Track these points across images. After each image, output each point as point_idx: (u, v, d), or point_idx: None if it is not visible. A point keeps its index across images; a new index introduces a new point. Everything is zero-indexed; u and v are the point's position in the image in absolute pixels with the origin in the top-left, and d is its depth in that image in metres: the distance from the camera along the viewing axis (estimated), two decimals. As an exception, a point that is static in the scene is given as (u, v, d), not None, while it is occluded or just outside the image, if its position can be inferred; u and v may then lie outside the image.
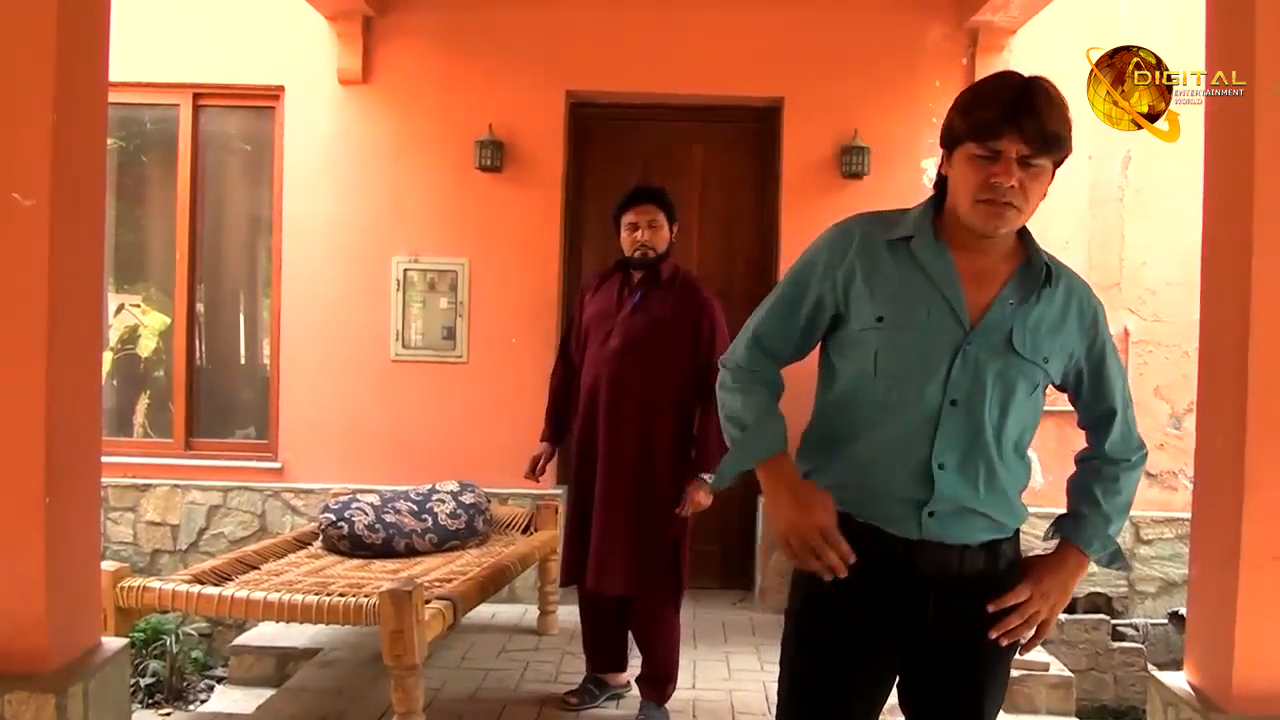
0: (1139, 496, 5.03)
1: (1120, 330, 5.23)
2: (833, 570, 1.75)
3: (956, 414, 1.76)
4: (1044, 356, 1.81)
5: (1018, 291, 1.81)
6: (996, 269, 1.83)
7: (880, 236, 1.83)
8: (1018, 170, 1.70)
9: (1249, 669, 2.39)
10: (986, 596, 1.81)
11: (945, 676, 1.86)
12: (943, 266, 1.79)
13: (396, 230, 5.34)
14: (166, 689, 4.85)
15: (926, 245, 1.81)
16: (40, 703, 2.46)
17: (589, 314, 3.79)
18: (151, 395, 5.66)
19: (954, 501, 1.77)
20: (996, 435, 1.79)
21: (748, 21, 5.23)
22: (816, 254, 1.88)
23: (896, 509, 1.78)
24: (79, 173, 2.61)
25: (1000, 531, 1.84)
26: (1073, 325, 1.86)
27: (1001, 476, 1.81)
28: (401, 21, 5.30)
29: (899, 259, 1.81)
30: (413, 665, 3.17)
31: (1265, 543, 2.39)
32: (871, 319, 1.79)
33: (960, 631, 1.81)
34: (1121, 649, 4.97)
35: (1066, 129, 1.72)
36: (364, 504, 4.35)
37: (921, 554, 1.78)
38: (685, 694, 3.95)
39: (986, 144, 1.70)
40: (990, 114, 1.69)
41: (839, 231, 1.88)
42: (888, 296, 1.79)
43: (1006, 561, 1.86)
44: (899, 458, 1.78)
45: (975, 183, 1.72)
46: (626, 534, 3.54)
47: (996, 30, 5.16)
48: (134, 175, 5.74)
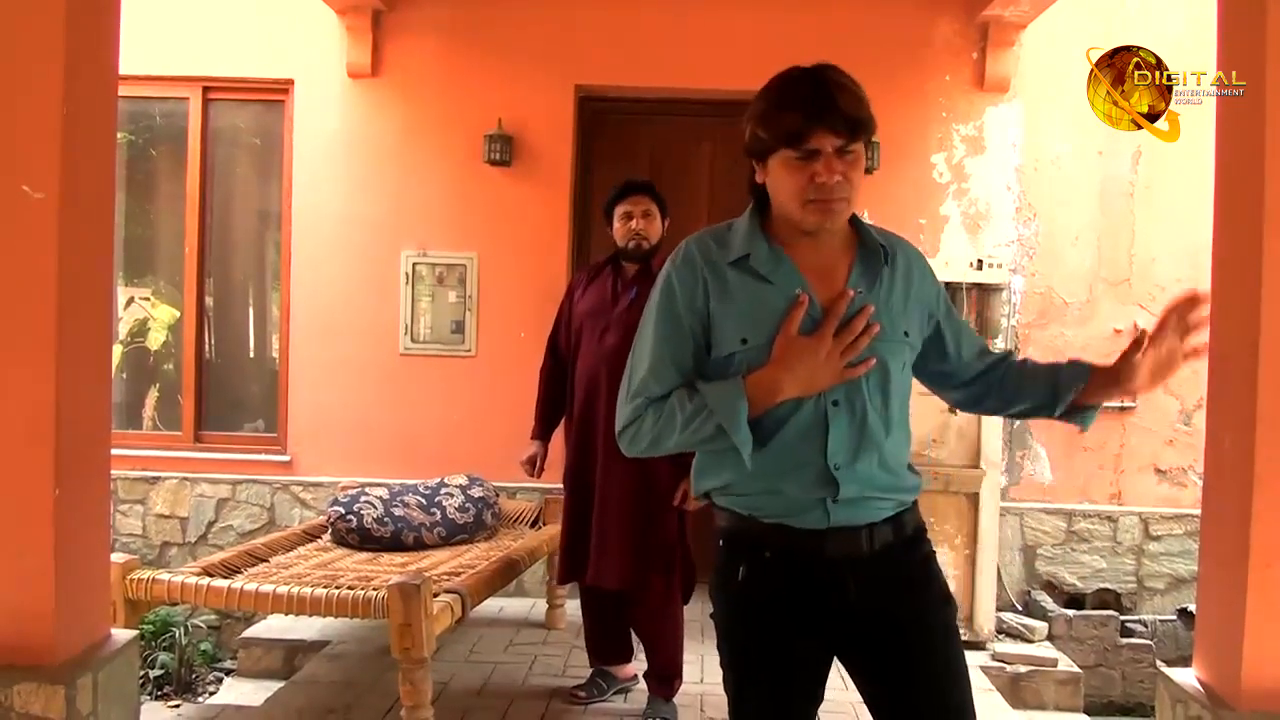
0: (1148, 492, 5.01)
1: (1130, 326, 5.22)
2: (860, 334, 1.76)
3: (840, 412, 1.78)
4: (904, 331, 1.85)
5: (863, 278, 1.83)
6: (837, 262, 1.84)
7: (720, 259, 1.83)
8: (838, 164, 1.71)
9: (1258, 666, 2.38)
10: (900, 565, 1.85)
11: (892, 652, 1.84)
12: (786, 273, 1.80)
13: (405, 224, 5.35)
14: (175, 681, 4.87)
15: (764, 257, 1.81)
16: (49, 694, 2.47)
17: (581, 310, 3.76)
18: (161, 388, 5.68)
19: (856, 492, 1.79)
20: (883, 420, 1.82)
21: (757, 17, 5.22)
22: (670, 287, 1.84)
23: (802, 507, 1.79)
24: (88, 166, 2.62)
25: (901, 505, 1.87)
26: (917, 289, 1.90)
27: (891, 457, 1.83)
28: (411, 15, 5.30)
29: (744, 277, 1.81)
30: (421, 658, 3.18)
31: (1274, 539, 2.38)
32: (736, 341, 1.78)
33: (885, 601, 1.82)
34: (1130, 645, 4.96)
35: (866, 109, 1.73)
36: (372, 497, 4.36)
37: (830, 541, 1.79)
38: (693, 688, 3.96)
39: (800, 147, 1.71)
40: (794, 118, 1.70)
41: (680, 261, 1.86)
42: (745, 317, 1.79)
43: (913, 528, 1.89)
44: (797, 466, 1.78)
45: (800, 185, 1.73)
46: (625, 529, 3.54)
47: (1006, 25, 5.14)
48: (143, 169, 5.76)
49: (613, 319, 3.64)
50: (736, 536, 1.88)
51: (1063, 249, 5.24)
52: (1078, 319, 5.21)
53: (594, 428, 3.62)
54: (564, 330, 3.86)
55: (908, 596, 1.84)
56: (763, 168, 1.81)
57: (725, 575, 1.90)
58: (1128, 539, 5.26)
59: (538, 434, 3.98)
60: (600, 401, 3.59)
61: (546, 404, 3.96)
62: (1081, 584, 5.25)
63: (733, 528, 1.88)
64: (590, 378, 3.66)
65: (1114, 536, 5.26)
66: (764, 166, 1.80)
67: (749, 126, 1.79)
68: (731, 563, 1.88)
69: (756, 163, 1.82)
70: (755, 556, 1.84)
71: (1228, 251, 2.60)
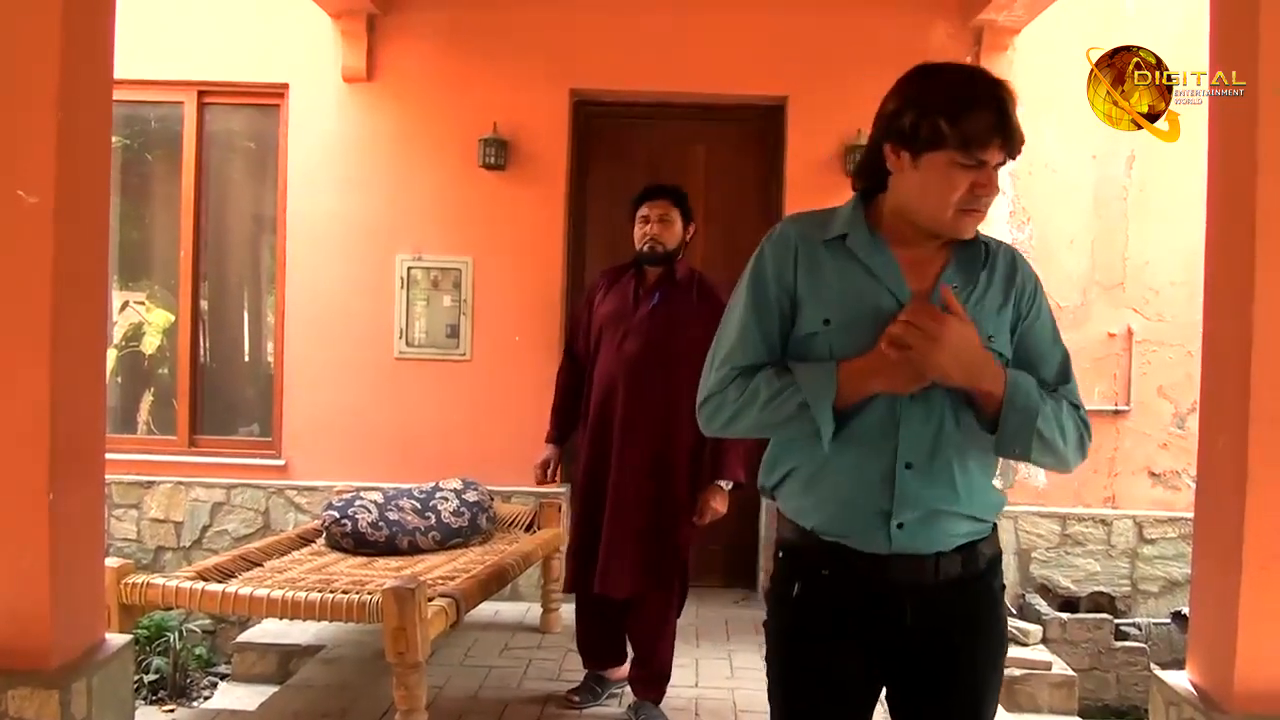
0: (1142, 495, 5.00)
1: (1124, 330, 5.24)
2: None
3: (915, 408, 1.72)
4: (989, 335, 1.74)
5: (957, 276, 1.77)
6: (932, 257, 1.79)
7: (816, 237, 1.80)
8: (995, 178, 1.70)
9: (1251, 668, 2.39)
10: (966, 600, 1.78)
11: (935, 685, 1.81)
12: (884, 261, 1.76)
13: (400, 228, 5.35)
14: (170, 686, 4.85)
15: (863, 241, 1.77)
16: (44, 699, 2.47)
17: (602, 314, 3.70)
18: (155, 392, 5.67)
19: (924, 506, 1.72)
20: (960, 425, 1.74)
21: (752, 21, 5.23)
22: (762, 261, 1.82)
23: (864, 522, 1.73)
24: (83, 170, 2.62)
25: (978, 531, 1.80)
26: (1014, 298, 1.82)
27: (973, 465, 1.77)
28: (406, 20, 5.30)
29: (837, 258, 1.78)
30: (415, 663, 3.18)
31: (1268, 542, 2.38)
32: (819, 321, 1.75)
33: (945, 640, 1.77)
34: (1124, 648, 4.97)
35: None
36: (367, 501, 4.36)
37: (892, 567, 1.73)
38: (688, 692, 3.96)
39: (974, 154, 1.65)
40: (981, 125, 1.64)
41: (776, 236, 1.83)
42: (832, 297, 1.75)
43: (986, 561, 1.82)
44: (865, 465, 1.73)
45: (959, 192, 1.68)
46: (638, 537, 3.50)
47: (1001, 30, 5.16)
48: (138, 173, 5.75)
49: (633, 325, 3.59)
50: (795, 550, 1.85)
51: (1057, 253, 5.25)
52: (1072, 322, 5.22)
53: (609, 433, 3.58)
54: (583, 334, 3.81)
55: (967, 634, 1.79)
56: (908, 159, 1.71)
57: (782, 588, 1.86)
58: (1122, 542, 5.27)
59: (552, 437, 3.92)
60: (616, 407, 3.55)
61: (562, 408, 3.90)
62: (1076, 587, 5.26)
63: (793, 540, 1.85)
64: (608, 383, 3.61)
65: (1108, 540, 5.27)
66: (914, 159, 1.70)
67: (910, 114, 1.69)
68: (789, 576, 1.85)
69: (902, 152, 1.72)
70: (813, 574, 1.80)
71: (1221, 254, 2.61)
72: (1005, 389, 1.69)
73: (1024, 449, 1.72)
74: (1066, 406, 1.79)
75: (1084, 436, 1.81)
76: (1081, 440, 1.81)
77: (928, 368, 1.65)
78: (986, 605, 1.83)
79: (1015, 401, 1.69)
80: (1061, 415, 1.76)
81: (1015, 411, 1.69)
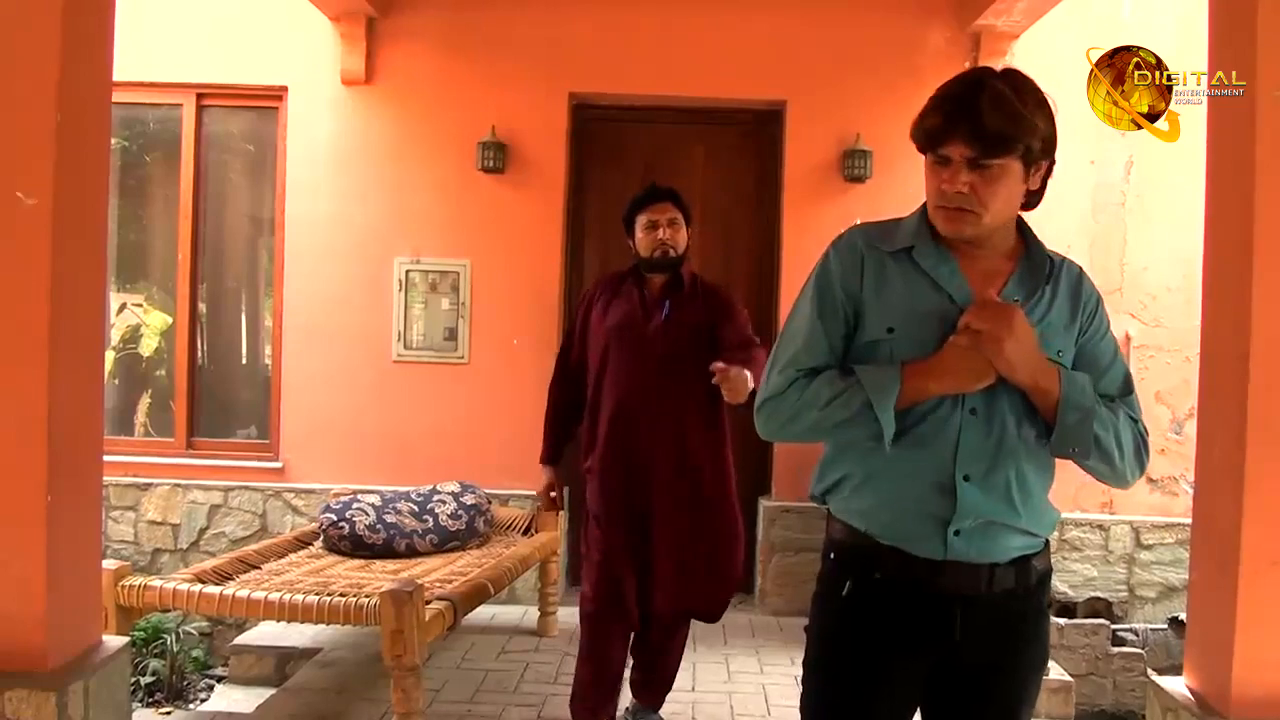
0: (1140, 501, 5.00)
1: (1122, 335, 5.24)
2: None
3: (977, 423, 1.72)
4: (1057, 350, 1.75)
5: (1021, 288, 1.78)
6: (999, 268, 1.79)
7: (883, 247, 1.81)
8: (967, 174, 1.69)
9: (1248, 674, 2.39)
10: (1014, 614, 1.78)
11: (975, 698, 1.81)
12: (949, 272, 1.77)
13: (398, 231, 5.35)
14: (167, 688, 4.85)
15: (929, 252, 1.78)
16: (40, 701, 2.46)
17: (609, 324, 3.48)
18: (153, 394, 5.66)
19: (981, 516, 1.72)
20: (1021, 438, 1.74)
21: (750, 24, 5.24)
22: (829, 266, 1.83)
23: (921, 527, 1.73)
24: (82, 172, 2.62)
25: (1031, 546, 1.79)
26: (1079, 314, 1.81)
27: (1031, 480, 1.76)
28: (404, 23, 5.31)
29: (904, 268, 1.79)
30: (413, 666, 3.18)
31: (1265, 548, 2.39)
32: (882, 329, 1.76)
33: (990, 652, 1.77)
34: (1121, 654, 4.97)
35: (1014, 125, 1.66)
36: (365, 504, 4.36)
37: (946, 574, 1.73)
38: (685, 696, 3.96)
39: (936, 151, 1.71)
40: (936, 121, 1.70)
41: (843, 244, 1.84)
42: (897, 306, 1.76)
43: (1037, 576, 1.81)
44: (922, 472, 1.73)
45: (933, 189, 1.74)
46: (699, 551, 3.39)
47: (999, 35, 5.16)
48: (137, 175, 5.75)
49: (648, 336, 3.42)
50: (849, 551, 1.83)
51: (1054, 257, 5.24)
52: (1069, 327, 5.22)
53: (636, 451, 3.38)
54: (578, 346, 3.62)
55: (1011, 649, 1.79)
56: None
57: (831, 588, 1.85)
58: (1119, 548, 5.28)
59: (548, 457, 3.71)
60: (643, 425, 3.37)
61: (558, 424, 3.70)
62: (1073, 592, 5.25)
63: (846, 541, 1.84)
64: (629, 400, 3.41)
65: (1105, 545, 5.28)
66: None
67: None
68: (840, 576, 1.83)
69: None
70: (865, 575, 1.79)
71: (1218, 259, 2.62)
72: (1061, 386, 1.70)
73: (1083, 448, 1.73)
74: (1124, 418, 1.80)
75: (1141, 449, 1.82)
76: (1139, 453, 1.81)
77: (997, 357, 1.67)
78: (1033, 621, 1.83)
79: (1071, 398, 1.71)
80: (1119, 425, 1.77)
81: (1072, 409, 1.71)
